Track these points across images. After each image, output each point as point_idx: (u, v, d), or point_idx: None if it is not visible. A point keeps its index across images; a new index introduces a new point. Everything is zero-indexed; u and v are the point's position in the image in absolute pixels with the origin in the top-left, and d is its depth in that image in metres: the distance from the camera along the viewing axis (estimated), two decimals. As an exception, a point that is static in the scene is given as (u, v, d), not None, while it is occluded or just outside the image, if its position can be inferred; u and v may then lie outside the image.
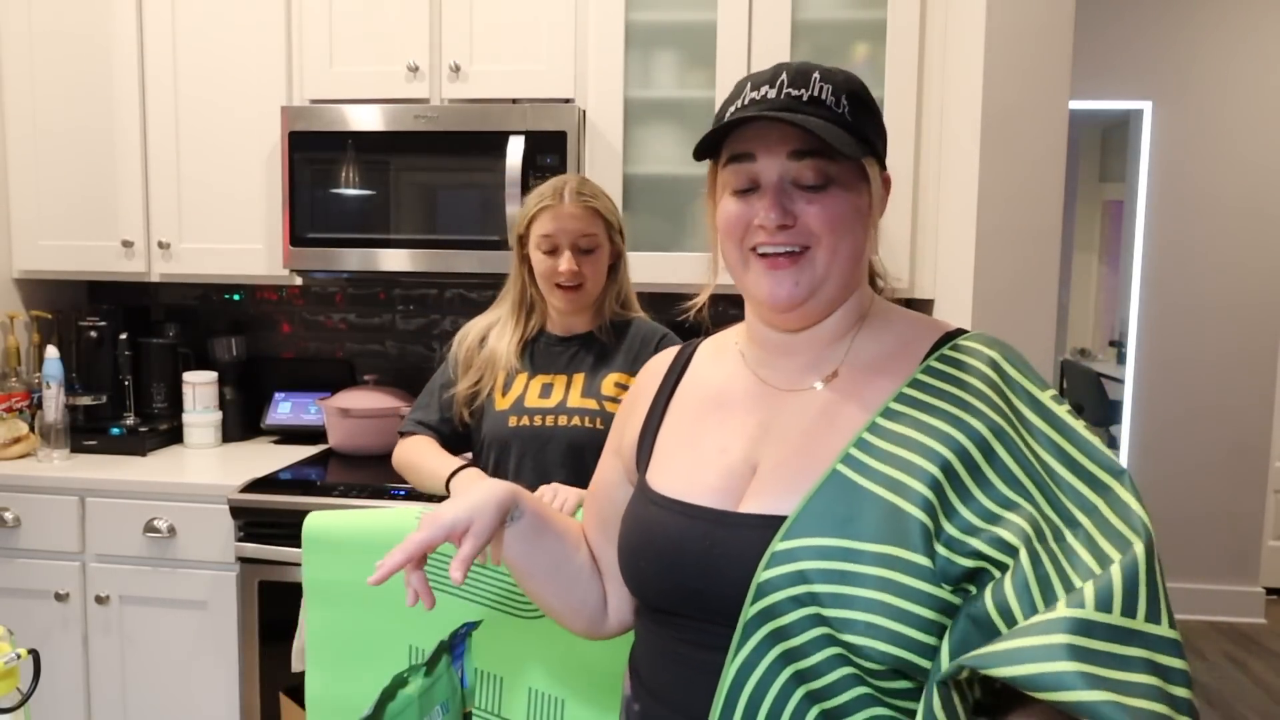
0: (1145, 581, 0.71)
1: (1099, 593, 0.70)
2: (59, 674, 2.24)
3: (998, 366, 0.84)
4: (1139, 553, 0.71)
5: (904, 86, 2.17)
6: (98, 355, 2.58)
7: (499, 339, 1.74)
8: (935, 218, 2.19)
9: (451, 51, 2.30)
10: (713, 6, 2.21)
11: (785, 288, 0.85)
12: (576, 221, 1.65)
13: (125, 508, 2.18)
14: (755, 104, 0.84)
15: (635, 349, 1.73)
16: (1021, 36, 1.86)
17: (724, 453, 0.89)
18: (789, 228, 0.84)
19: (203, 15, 2.38)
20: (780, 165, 0.84)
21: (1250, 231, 3.81)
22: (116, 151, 2.43)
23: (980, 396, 0.82)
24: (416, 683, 0.96)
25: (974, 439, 0.79)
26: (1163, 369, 3.88)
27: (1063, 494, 0.77)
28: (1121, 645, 0.69)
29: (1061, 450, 0.79)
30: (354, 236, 2.29)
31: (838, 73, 0.86)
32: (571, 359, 1.73)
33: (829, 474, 0.81)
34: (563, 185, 1.68)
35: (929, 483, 0.77)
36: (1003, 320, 1.88)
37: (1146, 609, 0.70)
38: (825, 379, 0.89)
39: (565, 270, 1.64)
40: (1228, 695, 3.28)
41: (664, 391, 1.00)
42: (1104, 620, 0.69)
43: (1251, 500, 3.88)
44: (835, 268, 0.85)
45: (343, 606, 1.25)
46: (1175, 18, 3.77)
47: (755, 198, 0.85)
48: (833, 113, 0.83)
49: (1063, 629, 0.68)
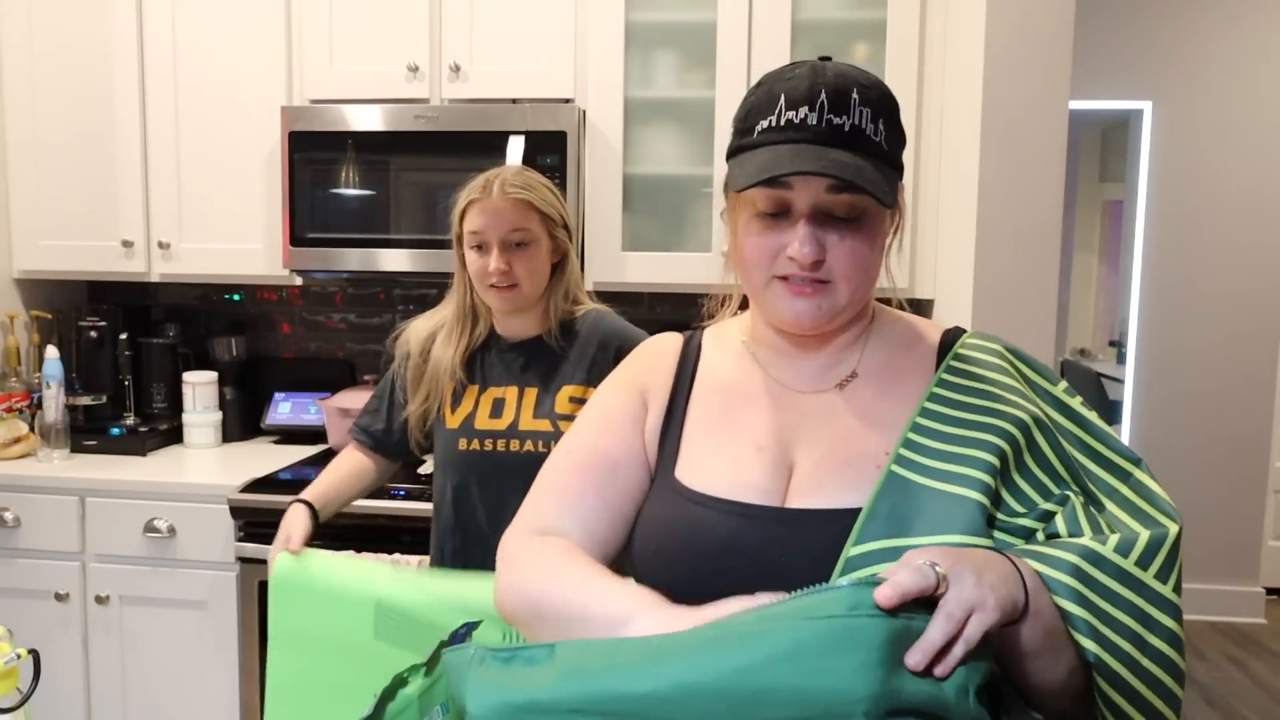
0: (1167, 551, 0.77)
1: (1122, 540, 0.76)
2: (59, 674, 2.24)
3: (1012, 363, 0.89)
4: (1171, 530, 0.78)
5: (904, 86, 2.17)
6: (98, 355, 2.58)
7: (444, 349, 1.64)
8: (935, 218, 2.19)
9: (451, 51, 2.30)
10: (713, 6, 2.21)
11: (810, 314, 0.84)
12: (505, 215, 1.54)
13: (125, 508, 2.18)
14: (794, 129, 0.81)
15: (590, 353, 1.63)
16: (1021, 37, 1.86)
17: (760, 450, 0.88)
18: (821, 262, 0.83)
19: (203, 15, 2.38)
20: (816, 197, 0.82)
21: (1250, 231, 3.81)
22: (116, 151, 2.43)
23: (1010, 389, 0.85)
24: (416, 683, 0.96)
25: (1019, 426, 0.82)
26: (1162, 369, 3.88)
27: (1090, 481, 0.82)
28: (1122, 586, 0.75)
29: (1082, 441, 0.84)
30: (354, 236, 2.29)
31: (872, 86, 0.84)
32: (524, 369, 1.63)
33: (886, 476, 0.81)
34: (494, 177, 1.58)
35: (987, 469, 0.79)
36: (1003, 320, 1.88)
37: (1159, 569, 0.76)
38: (843, 381, 0.90)
39: (494, 269, 1.53)
40: (1228, 695, 3.28)
41: (681, 386, 0.97)
42: (1116, 561, 0.75)
43: (1251, 500, 3.88)
44: (858, 296, 0.86)
45: (309, 654, 1.23)
46: (1175, 18, 3.77)
47: (786, 224, 0.83)
48: (873, 144, 0.82)
49: (1077, 552, 0.75)
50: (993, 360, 0.88)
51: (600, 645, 0.70)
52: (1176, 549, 0.77)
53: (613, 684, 0.65)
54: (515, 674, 0.69)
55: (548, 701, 0.66)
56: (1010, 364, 0.89)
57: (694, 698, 0.63)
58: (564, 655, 0.69)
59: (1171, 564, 0.76)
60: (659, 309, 2.59)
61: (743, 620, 0.67)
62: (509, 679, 0.69)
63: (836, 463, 0.85)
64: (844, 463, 0.85)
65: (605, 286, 2.29)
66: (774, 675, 0.63)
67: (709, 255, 2.25)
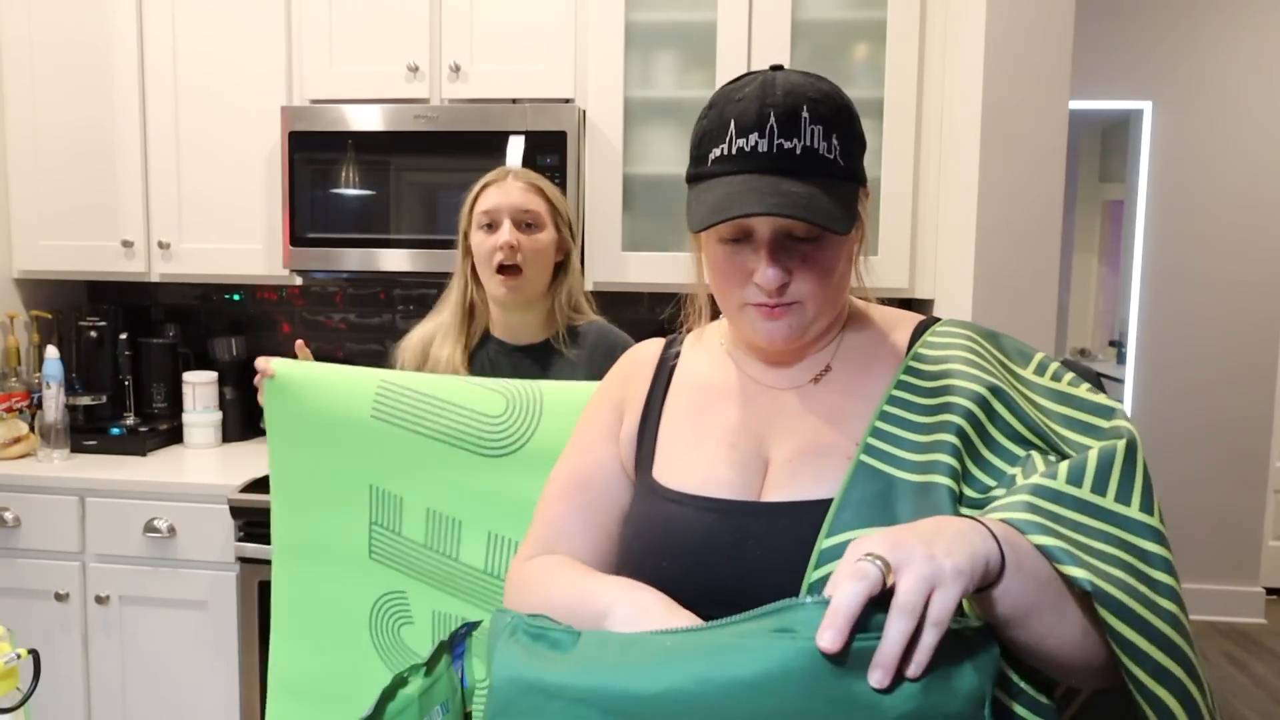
0: (1121, 467, 0.75)
1: (1071, 468, 0.74)
2: (59, 674, 2.24)
3: (982, 344, 0.89)
4: (1119, 444, 0.76)
5: (904, 86, 2.17)
6: (98, 355, 2.58)
7: (440, 349, 1.64)
8: (935, 218, 2.19)
9: (451, 51, 2.30)
10: (713, 6, 2.21)
11: (781, 333, 0.86)
12: (519, 195, 1.61)
13: (125, 508, 2.18)
14: (744, 158, 0.81)
15: (597, 360, 1.61)
16: (1021, 36, 1.86)
17: (733, 447, 0.89)
18: (786, 285, 0.84)
19: (203, 15, 2.38)
20: (775, 222, 0.83)
21: (1250, 231, 3.81)
22: (116, 151, 2.43)
23: (971, 365, 0.85)
24: (416, 683, 0.96)
25: (977, 401, 0.82)
26: (1162, 369, 3.88)
27: (1062, 443, 0.81)
28: (1089, 518, 0.72)
29: (1055, 412, 0.84)
30: (354, 236, 2.29)
31: (823, 99, 0.82)
32: (525, 371, 1.62)
33: (856, 465, 0.81)
34: (508, 169, 1.65)
35: (950, 451, 0.79)
36: (1003, 320, 1.88)
37: (1118, 490, 0.74)
38: (818, 375, 0.91)
39: (503, 242, 1.56)
40: (1228, 695, 3.28)
41: (657, 388, 0.98)
42: (1070, 492, 0.73)
43: (1251, 500, 3.88)
44: (826, 311, 0.88)
45: (304, 446, 1.22)
46: (1175, 18, 3.77)
47: (749, 249, 0.84)
48: (826, 163, 0.81)
49: (1027, 490, 0.73)
50: (955, 343, 0.88)
51: (619, 639, 0.71)
52: (1131, 461, 0.75)
53: (618, 682, 0.67)
54: (538, 653, 0.71)
55: (555, 686, 0.68)
56: (979, 345, 0.88)
57: (690, 708, 0.64)
58: (585, 644, 0.71)
59: (1129, 482, 0.74)
60: (659, 309, 2.59)
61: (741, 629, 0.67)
62: (530, 656, 0.71)
63: (809, 455, 0.86)
64: (816, 455, 0.85)
65: (605, 286, 2.29)
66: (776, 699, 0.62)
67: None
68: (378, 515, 1.22)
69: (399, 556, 1.22)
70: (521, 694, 0.69)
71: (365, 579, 1.23)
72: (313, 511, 1.23)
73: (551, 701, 0.67)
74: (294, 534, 1.25)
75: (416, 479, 1.20)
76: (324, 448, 1.22)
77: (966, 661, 0.64)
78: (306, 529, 1.24)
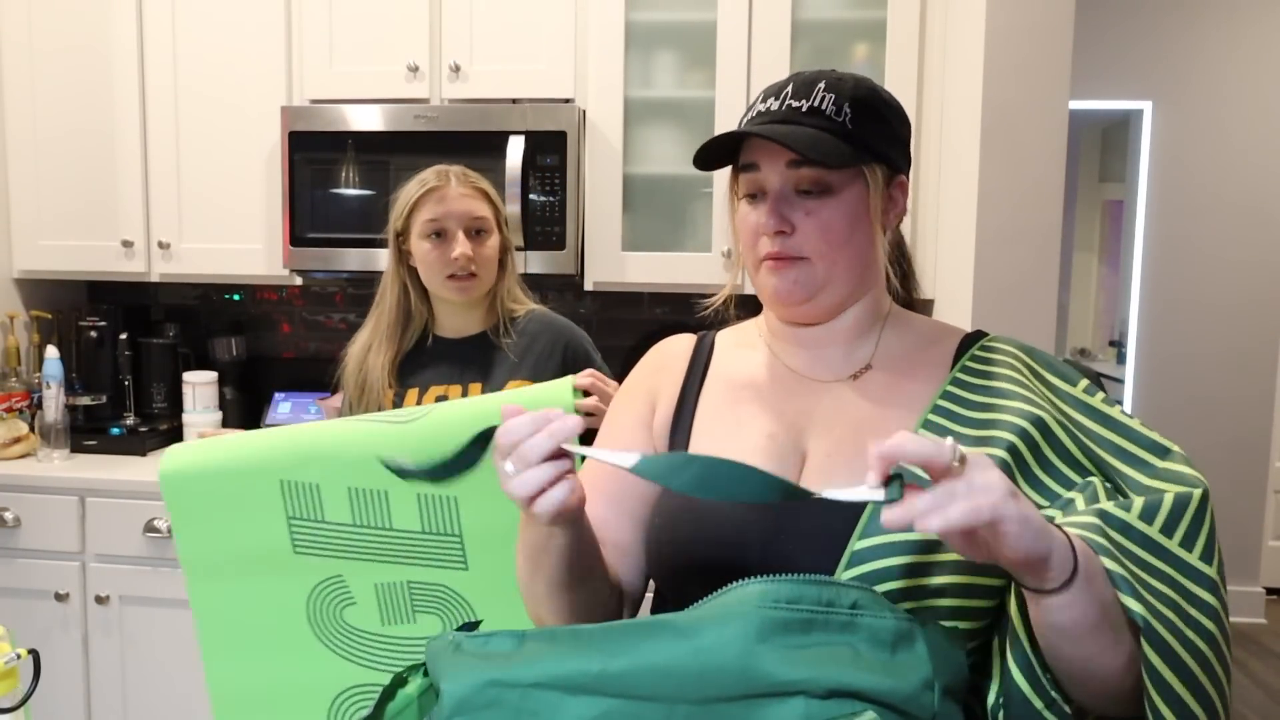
0: (1192, 515, 0.75)
1: (1146, 505, 0.75)
2: (59, 674, 2.24)
3: (1028, 364, 0.89)
4: (1195, 492, 0.77)
5: (904, 86, 2.17)
6: (98, 355, 2.58)
7: (375, 359, 1.61)
8: (935, 218, 2.19)
9: (451, 51, 2.30)
10: (713, 6, 2.21)
11: (786, 284, 0.88)
12: (466, 202, 1.56)
13: (125, 508, 2.18)
14: (760, 116, 0.87)
15: (538, 350, 1.61)
16: (1021, 36, 1.86)
17: (771, 439, 0.89)
18: (786, 234, 0.86)
19: (202, 15, 2.38)
20: (781, 174, 0.86)
21: (1250, 231, 3.81)
22: (116, 151, 2.43)
23: (1024, 386, 0.85)
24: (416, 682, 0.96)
25: (1034, 422, 0.82)
26: (1162, 369, 3.88)
27: (1116, 477, 0.81)
28: (1151, 555, 0.73)
29: (1104, 438, 0.83)
30: (354, 236, 2.29)
31: (848, 80, 0.87)
32: (465, 366, 1.61)
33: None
34: (445, 170, 1.59)
35: (999, 465, 0.78)
36: (1003, 320, 1.88)
37: (1184, 535, 0.74)
38: (858, 372, 0.91)
39: (461, 255, 1.53)
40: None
41: (693, 379, 0.98)
42: (1140, 527, 0.74)
43: (1251, 500, 3.88)
44: (837, 273, 0.87)
45: (229, 578, 1.20)
46: (1175, 18, 3.77)
47: (761, 204, 0.88)
48: (830, 122, 0.85)
49: (1096, 514, 0.74)
50: (1008, 360, 0.89)
51: (567, 631, 0.74)
52: (1202, 512, 0.76)
53: (579, 664, 0.69)
54: (487, 655, 0.73)
55: (511, 679, 0.70)
56: (1026, 365, 0.88)
57: (645, 674, 0.68)
58: (534, 640, 0.73)
59: (1196, 532, 0.74)
60: (659, 309, 2.59)
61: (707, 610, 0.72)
62: (480, 660, 0.72)
63: (848, 452, 0.85)
64: (855, 452, 0.84)
65: (605, 286, 2.29)
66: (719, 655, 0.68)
67: (709, 255, 2.25)
68: (295, 509, 1.20)
69: (327, 543, 1.21)
70: (477, 690, 0.69)
71: (294, 575, 1.22)
72: (217, 521, 1.20)
73: (509, 691, 0.69)
74: (204, 549, 1.22)
75: (329, 463, 1.19)
76: (250, 578, 1.21)
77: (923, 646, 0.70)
78: (216, 540, 1.21)
